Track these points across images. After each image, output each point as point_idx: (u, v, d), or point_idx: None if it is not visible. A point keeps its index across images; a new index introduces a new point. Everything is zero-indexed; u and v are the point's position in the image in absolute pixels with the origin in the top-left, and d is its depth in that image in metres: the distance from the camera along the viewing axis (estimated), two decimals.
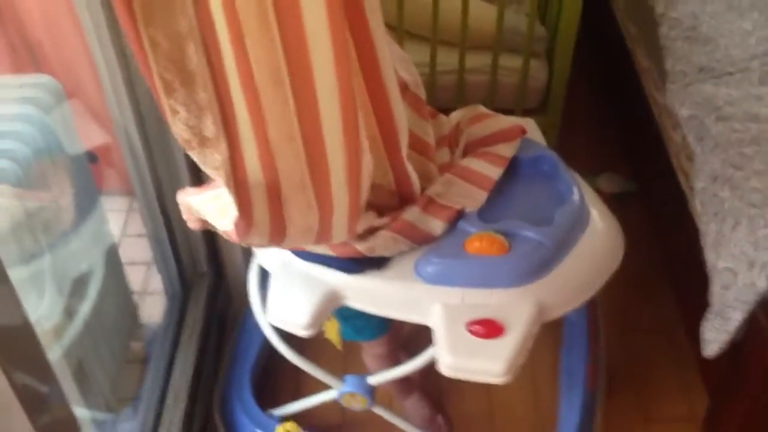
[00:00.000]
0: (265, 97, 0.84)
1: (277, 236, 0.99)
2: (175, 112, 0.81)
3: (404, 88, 1.11)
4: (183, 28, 0.76)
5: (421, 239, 1.14)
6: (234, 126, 0.84)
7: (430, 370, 1.18)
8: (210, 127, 0.82)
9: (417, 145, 1.16)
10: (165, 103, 0.80)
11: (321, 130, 0.90)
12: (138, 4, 0.73)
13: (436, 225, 1.14)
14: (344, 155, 0.94)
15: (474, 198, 1.18)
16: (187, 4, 0.75)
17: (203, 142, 0.83)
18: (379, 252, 1.12)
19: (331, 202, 0.98)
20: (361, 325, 1.28)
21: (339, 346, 1.31)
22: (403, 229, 1.12)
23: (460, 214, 1.16)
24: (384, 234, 1.10)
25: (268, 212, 0.93)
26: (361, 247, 1.09)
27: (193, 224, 1.07)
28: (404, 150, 1.08)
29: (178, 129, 0.82)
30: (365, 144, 0.96)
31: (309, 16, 0.82)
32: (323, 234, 1.03)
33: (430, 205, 1.15)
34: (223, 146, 0.83)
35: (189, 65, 0.78)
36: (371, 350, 1.39)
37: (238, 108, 0.84)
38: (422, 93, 1.18)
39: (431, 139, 1.21)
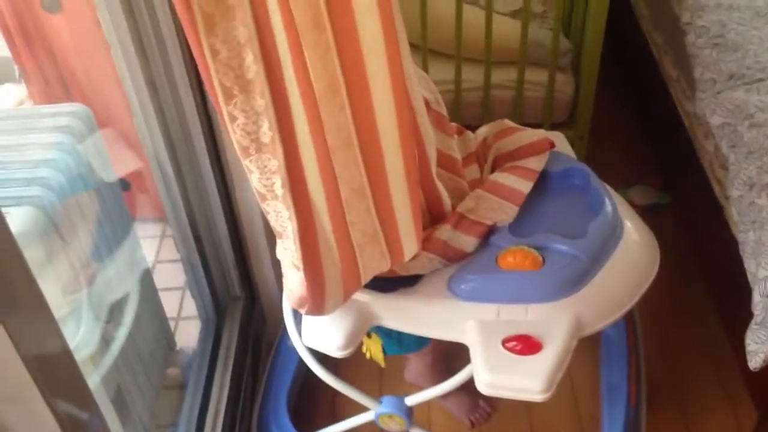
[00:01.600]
0: (323, 105, 0.86)
1: (345, 246, 0.98)
2: (234, 118, 0.83)
3: (426, 105, 1.12)
4: (242, 37, 0.78)
5: (454, 257, 1.13)
6: (292, 131, 0.86)
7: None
8: (267, 132, 0.84)
9: (444, 162, 1.16)
10: (224, 110, 0.83)
11: (378, 136, 0.92)
12: (199, 14, 0.76)
13: (468, 242, 1.13)
14: (402, 161, 0.96)
15: (505, 212, 1.17)
16: (247, 14, 0.77)
17: (260, 147, 0.85)
18: (414, 271, 1.11)
19: (392, 208, 0.99)
20: (405, 337, 1.27)
21: (382, 364, 1.31)
22: (436, 248, 1.11)
23: (491, 230, 1.15)
24: (418, 254, 1.09)
25: (328, 215, 0.94)
26: (397, 267, 1.09)
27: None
28: (433, 167, 1.08)
29: (237, 136, 0.85)
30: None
31: (362, 22, 0.84)
32: (394, 247, 1.03)
33: (461, 221, 1.14)
34: (279, 151, 0.85)
35: (248, 74, 0.80)
36: (419, 361, 1.38)
37: (297, 114, 0.86)
38: (443, 110, 1.18)
39: (457, 155, 1.20)
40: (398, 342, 1.28)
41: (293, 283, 1.01)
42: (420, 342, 1.31)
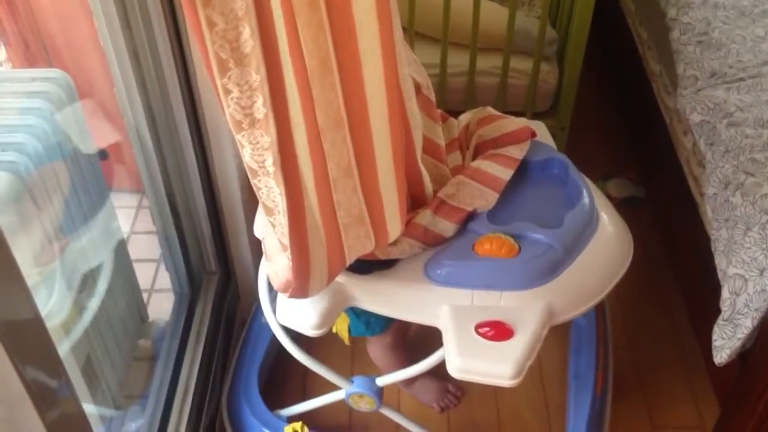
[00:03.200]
0: (314, 83, 0.86)
1: (331, 226, 0.98)
2: (228, 91, 0.82)
3: (417, 90, 1.12)
4: (240, 10, 0.77)
5: (433, 242, 1.14)
6: (285, 108, 0.86)
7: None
8: (260, 108, 0.84)
9: (428, 148, 1.16)
10: (219, 83, 0.82)
11: (368, 117, 0.92)
12: None
13: (448, 227, 1.14)
14: (390, 142, 0.96)
15: (486, 199, 1.18)
16: None
17: (253, 122, 0.85)
18: (394, 256, 1.12)
19: (378, 189, 0.99)
20: (373, 320, 1.28)
21: (347, 341, 1.32)
22: (417, 233, 1.12)
23: (471, 216, 1.16)
24: (399, 239, 1.10)
25: (316, 194, 0.94)
26: (377, 251, 1.09)
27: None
28: (419, 151, 1.08)
29: (231, 110, 0.84)
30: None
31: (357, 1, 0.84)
32: (379, 229, 1.03)
33: (441, 207, 1.15)
34: (272, 127, 0.85)
35: (244, 48, 0.80)
36: (379, 342, 1.39)
37: (290, 90, 0.85)
38: (432, 95, 1.18)
39: (442, 141, 1.21)
40: (366, 324, 1.29)
41: (279, 266, 1.01)
42: (384, 325, 1.32)
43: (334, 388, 1.35)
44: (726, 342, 1.25)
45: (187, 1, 0.76)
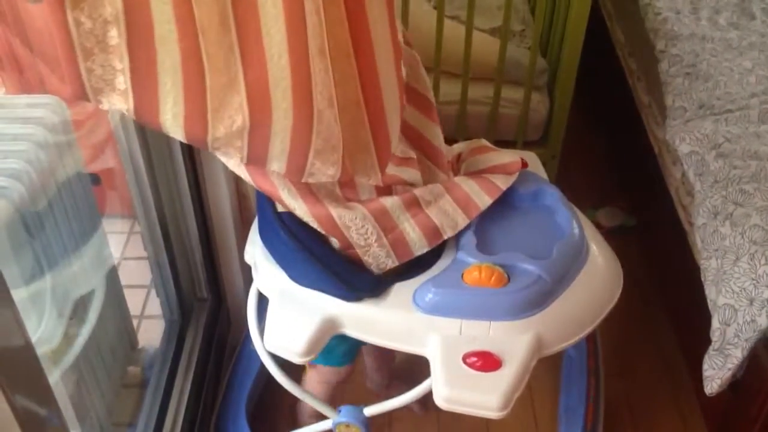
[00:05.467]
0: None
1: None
2: (80, 24, 0.84)
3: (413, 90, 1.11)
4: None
5: (391, 235, 1.11)
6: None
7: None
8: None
9: (425, 149, 1.15)
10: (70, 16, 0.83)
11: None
12: None
13: (412, 230, 1.11)
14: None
15: (455, 221, 1.14)
16: None
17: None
18: (347, 223, 1.08)
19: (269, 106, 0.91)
20: (335, 350, 1.27)
21: (306, 366, 1.31)
22: (376, 212, 1.09)
23: (437, 236, 1.14)
24: (358, 207, 1.07)
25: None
26: (333, 210, 1.07)
27: None
28: (395, 136, 1.06)
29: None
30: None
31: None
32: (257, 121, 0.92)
33: (413, 205, 1.12)
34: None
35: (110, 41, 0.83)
36: (325, 376, 1.37)
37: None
38: (432, 98, 1.17)
39: (440, 144, 1.19)
40: (326, 352, 1.27)
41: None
42: (342, 360, 1.31)
43: (322, 417, 1.34)
44: (716, 372, 1.25)
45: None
